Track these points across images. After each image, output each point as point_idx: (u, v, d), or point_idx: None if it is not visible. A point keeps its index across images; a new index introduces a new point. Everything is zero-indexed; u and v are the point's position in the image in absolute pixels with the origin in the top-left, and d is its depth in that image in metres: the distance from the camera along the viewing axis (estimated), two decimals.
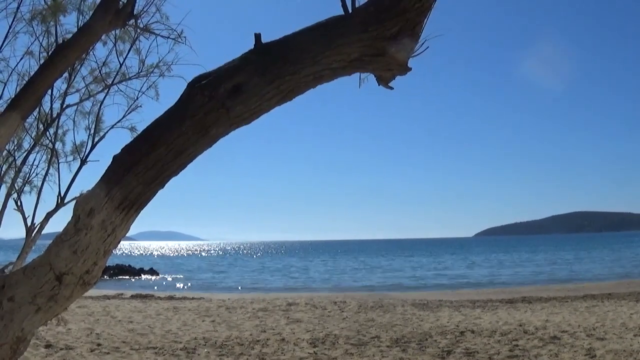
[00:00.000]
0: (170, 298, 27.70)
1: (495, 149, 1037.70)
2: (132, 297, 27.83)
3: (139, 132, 3.74)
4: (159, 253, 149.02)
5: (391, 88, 3.83)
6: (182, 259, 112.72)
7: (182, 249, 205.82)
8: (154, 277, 56.51)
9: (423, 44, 3.62)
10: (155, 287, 41.81)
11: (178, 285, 47.11)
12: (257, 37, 3.54)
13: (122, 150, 3.63)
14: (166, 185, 3.71)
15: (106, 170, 3.63)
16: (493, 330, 15.21)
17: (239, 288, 43.85)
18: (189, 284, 48.19)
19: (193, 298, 27.73)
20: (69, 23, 10.11)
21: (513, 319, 17.53)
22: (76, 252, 3.59)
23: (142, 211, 3.76)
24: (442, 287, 41.96)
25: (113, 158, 3.63)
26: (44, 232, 11.32)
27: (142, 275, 56.69)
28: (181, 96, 3.58)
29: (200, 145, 3.58)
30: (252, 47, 3.56)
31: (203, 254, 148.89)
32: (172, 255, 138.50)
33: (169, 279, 56.42)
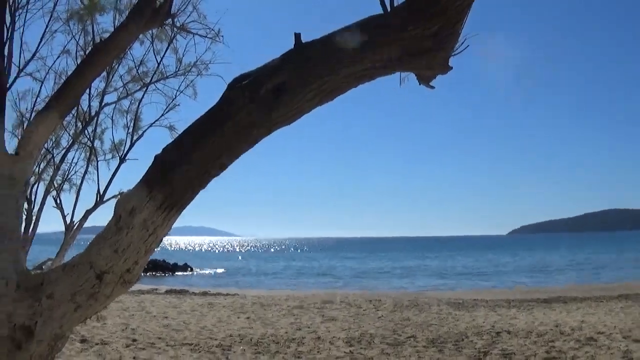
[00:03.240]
0: (205, 294, 27.88)
1: (529, 147, 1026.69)
2: (167, 292, 28.09)
3: (177, 131, 3.77)
4: (193, 248, 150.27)
5: (432, 87, 3.79)
6: (215, 255, 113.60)
7: (216, 244, 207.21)
8: (188, 273, 56.97)
9: (463, 42, 3.58)
10: (190, 283, 42.11)
11: (212, 280, 47.38)
12: (297, 36, 3.50)
13: (163, 150, 3.63)
14: None
15: (148, 170, 3.64)
16: (529, 331, 15.02)
17: (274, 285, 43.98)
18: (224, 280, 48.45)
19: (227, 294, 27.90)
20: (106, 22, 10.21)
21: (549, 319, 17.31)
22: (117, 251, 3.61)
23: None
24: (477, 286, 41.64)
25: (154, 158, 3.64)
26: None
27: (177, 271, 57.14)
28: (222, 97, 3.57)
29: (242, 146, 3.57)
30: (292, 46, 3.53)
31: (237, 249, 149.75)
32: (205, 250, 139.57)
33: (203, 274, 56.89)
